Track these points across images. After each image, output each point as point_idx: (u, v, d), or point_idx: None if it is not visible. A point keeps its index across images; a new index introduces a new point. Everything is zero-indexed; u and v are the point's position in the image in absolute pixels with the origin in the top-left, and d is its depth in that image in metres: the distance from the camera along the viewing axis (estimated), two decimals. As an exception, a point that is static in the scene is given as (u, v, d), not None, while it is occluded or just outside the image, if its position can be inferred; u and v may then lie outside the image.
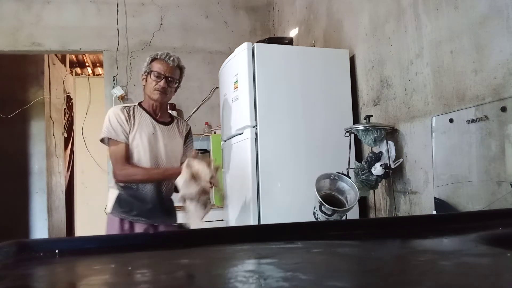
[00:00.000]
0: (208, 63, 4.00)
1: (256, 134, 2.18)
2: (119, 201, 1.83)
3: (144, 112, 1.91)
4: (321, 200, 1.72)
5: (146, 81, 1.90)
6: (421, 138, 1.83)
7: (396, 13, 2.00)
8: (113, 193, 1.86)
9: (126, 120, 1.83)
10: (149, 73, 1.88)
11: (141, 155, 1.82)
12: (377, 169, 1.93)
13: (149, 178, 1.81)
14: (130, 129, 1.83)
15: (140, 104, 1.95)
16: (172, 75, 1.89)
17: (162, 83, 1.86)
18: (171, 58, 1.88)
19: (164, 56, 1.87)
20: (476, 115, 1.47)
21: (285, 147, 2.23)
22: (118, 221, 1.81)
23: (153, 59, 1.89)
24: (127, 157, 1.81)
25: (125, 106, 1.89)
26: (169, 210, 1.95)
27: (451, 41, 1.63)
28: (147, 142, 1.84)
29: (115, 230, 1.78)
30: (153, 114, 1.92)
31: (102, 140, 1.86)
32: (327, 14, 2.88)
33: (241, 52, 2.26)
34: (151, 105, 1.92)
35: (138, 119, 1.87)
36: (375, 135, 1.95)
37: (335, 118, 2.32)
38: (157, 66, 1.87)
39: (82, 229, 5.94)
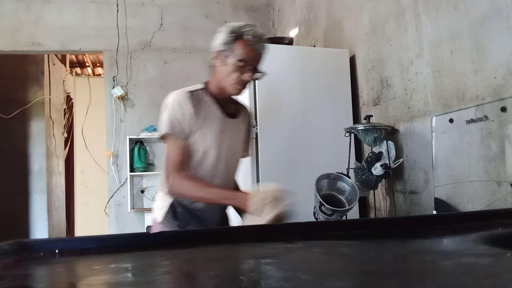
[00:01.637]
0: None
1: (256, 134, 2.18)
2: (173, 212, 1.51)
3: (212, 102, 1.49)
4: (321, 200, 1.72)
5: (223, 63, 1.44)
6: (421, 138, 1.83)
7: (396, 13, 2.00)
8: (165, 200, 1.52)
9: (193, 114, 1.42)
10: (229, 55, 1.42)
11: (202, 160, 1.46)
12: (377, 169, 1.93)
13: (202, 200, 1.46)
14: (195, 126, 1.43)
15: (207, 88, 1.50)
16: (259, 66, 1.47)
17: (248, 76, 1.43)
18: (263, 45, 1.44)
19: (255, 40, 1.41)
20: (476, 115, 1.47)
21: (285, 147, 2.23)
22: None
23: (238, 38, 1.41)
24: (186, 162, 1.43)
25: (192, 93, 1.46)
26: (227, 222, 1.66)
27: (451, 41, 1.62)
28: (214, 144, 1.46)
29: None
30: (222, 105, 1.51)
31: (161, 137, 1.49)
32: (327, 14, 2.88)
33: (241, 52, 2.26)
34: (221, 93, 1.49)
35: (206, 113, 1.46)
36: (375, 135, 1.95)
37: (335, 118, 2.32)
38: (244, 52, 1.40)
39: (82, 229, 5.96)
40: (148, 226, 3.71)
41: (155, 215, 1.56)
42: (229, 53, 1.41)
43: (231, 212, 1.64)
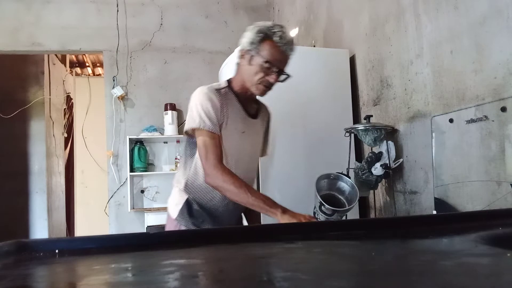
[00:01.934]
0: (208, 63, 4.00)
1: (256, 134, 2.18)
2: (189, 209, 1.49)
3: (236, 102, 1.47)
4: (321, 200, 1.72)
5: (249, 63, 1.41)
6: (421, 138, 1.83)
7: (396, 13, 2.00)
8: (181, 196, 1.50)
9: (221, 109, 1.41)
10: (255, 55, 1.39)
11: (223, 159, 1.42)
12: (377, 169, 1.93)
13: (237, 199, 1.38)
14: (221, 120, 1.42)
15: (230, 85, 1.49)
16: (285, 68, 1.44)
17: (273, 78, 1.41)
18: (290, 47, 1.41)
19: (283, 42, 1.38)
20: (476, 115, 1.47)
21: (285, 147, 2.23)
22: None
23: (266, 38, 1.38)
24: (222, 153, 1.39)
25: (219, 90, 1.44)
26: (241, 222, 1.69)
27: (451, 41, 1.62)
28: (235, 144, 1.45)
29: None
30: (245, 104, 1.49)
31: (186, 132, 1.46)
32: (327, 14, 2.88)
33: (241, 52, 2.26)
34: (244, 92, 1.47)
35: (230, 111, 1.44)
36: (375, 135, 1.95)
37: (335, 118, 2.32)
38: (271, 53, 1.37)
39: (82, 229, 5.96)
40: (148, 226, 3.71)
41: (170, 211, 1.53)
42: (256, 53, 1.38)
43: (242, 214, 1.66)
